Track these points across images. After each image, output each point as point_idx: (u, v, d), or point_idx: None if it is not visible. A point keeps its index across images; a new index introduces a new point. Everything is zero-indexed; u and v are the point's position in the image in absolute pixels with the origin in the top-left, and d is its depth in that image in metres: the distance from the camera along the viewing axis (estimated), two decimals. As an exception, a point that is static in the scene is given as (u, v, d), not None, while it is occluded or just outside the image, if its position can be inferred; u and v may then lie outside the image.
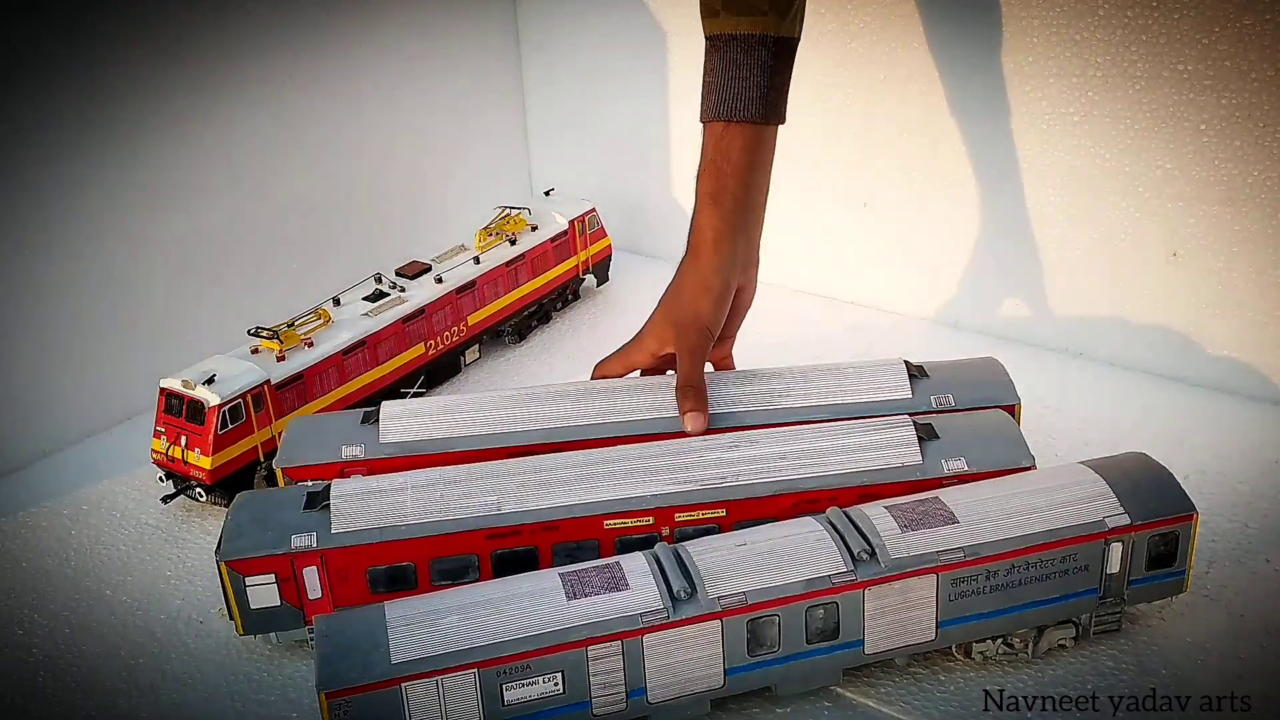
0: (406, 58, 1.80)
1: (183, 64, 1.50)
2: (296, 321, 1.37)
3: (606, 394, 1.20)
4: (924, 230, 1.61)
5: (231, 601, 1.03)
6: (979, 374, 1.25)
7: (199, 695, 1.04)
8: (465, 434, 1.16)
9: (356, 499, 1.04)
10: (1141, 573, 1.01)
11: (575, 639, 0.89)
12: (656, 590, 0.92)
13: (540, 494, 1.05)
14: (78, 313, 1.45)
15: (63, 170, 1.40)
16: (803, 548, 0.96)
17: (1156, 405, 1.42)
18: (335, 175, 1.74)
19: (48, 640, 1.12)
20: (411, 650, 0.87)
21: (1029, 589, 0.98)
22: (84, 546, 1.27)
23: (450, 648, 0.87)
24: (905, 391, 1.20)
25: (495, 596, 0.91)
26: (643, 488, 1.06)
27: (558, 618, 0.89)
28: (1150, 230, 1.41)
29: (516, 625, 0.89)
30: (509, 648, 0.88)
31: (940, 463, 1.08)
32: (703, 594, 0.92)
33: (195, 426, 1.26)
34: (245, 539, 1.02)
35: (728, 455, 1.09)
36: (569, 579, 0.93)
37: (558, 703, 0.90)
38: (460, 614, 0.89)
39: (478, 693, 0.88)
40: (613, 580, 0.93)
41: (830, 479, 1.07)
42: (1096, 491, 1.01)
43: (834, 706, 0.99)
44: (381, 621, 0.89)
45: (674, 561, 0.94)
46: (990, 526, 0.97)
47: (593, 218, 1.74)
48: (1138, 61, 1.35)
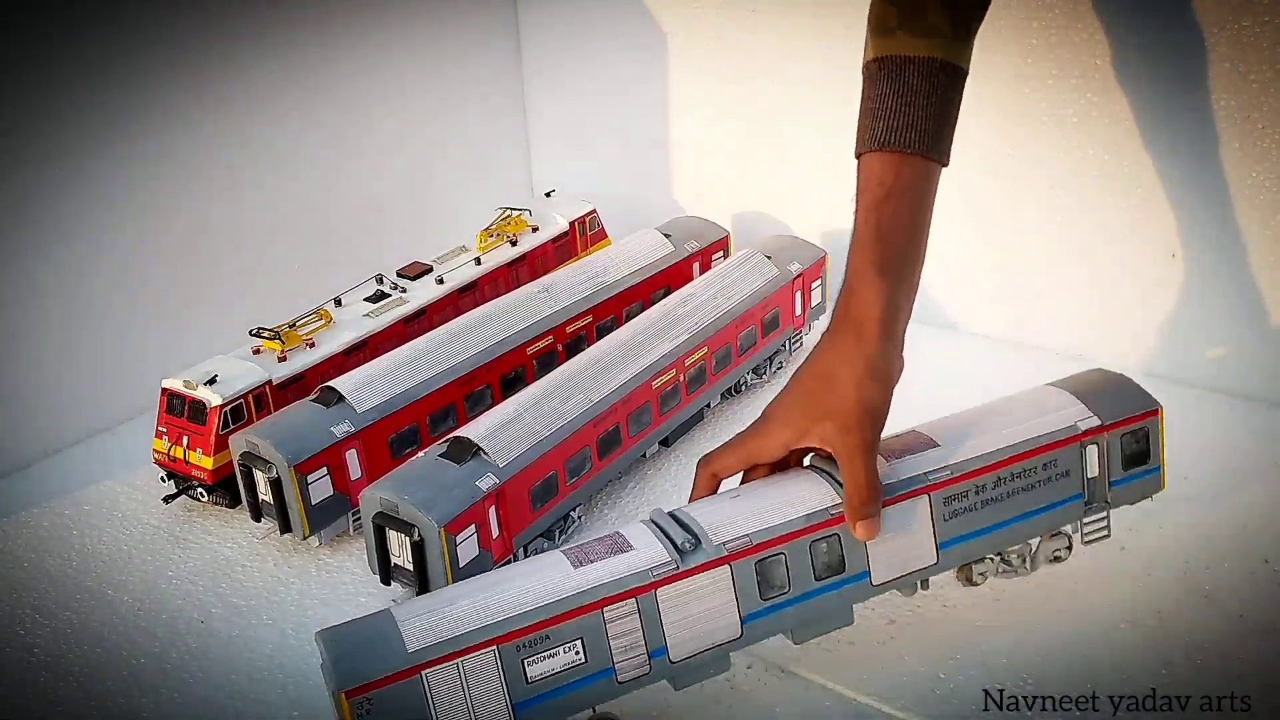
0: (408, 59, 1.81)
1: (186, 66, 1.51)
2: (298, 322, 1.37)
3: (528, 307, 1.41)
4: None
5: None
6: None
7: (200, 694, 1.05)
8: (426, 377, 1.29)
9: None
10: (1120, 473, 1.06)
11: (589, 601, 0.88)
12: (661, 546, 0.92)
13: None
14: (80, 313, 1.46)
15: (65, 171, 1.41)
16: (795, 489, 0.97)
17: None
18: (337, 176, 1.74)
19: (49, 640, 1.12)
20: (426, 637, 0.85)
21: (1017, 501, 1.01)
22: (85, 546, 1.27)
23: (466, 628, 0.85)
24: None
25: (501, 579, 0.90)
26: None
27: (569, 584, 0.89)
28: (1148, 231, 1.42)
29: (529, 597, 0.88)
30: (525, 619, 0.86)
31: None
32: (707, 542, 0.92)
33: (197, 427, 1.26)
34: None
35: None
36: (572, 553, 0.92)
37: (581, 673, 0.89)
38: (469, 598, 0.88)
39: (499, 671, 0.86)
40: (616, 546, 0.93)
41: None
42: (1064, 401, 1.05)
43: (834, 706, 0.99)
44: (390, 620, 0.87)
45: (673, 521, 0.95)
46: (970, 445, 1.00)
47: (594, 219, 1.74)
48: (1137, 62, 1.35)
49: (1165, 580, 1.12)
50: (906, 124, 0.97)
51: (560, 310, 1.44)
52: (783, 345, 1.55)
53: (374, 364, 1.29)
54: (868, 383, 0.96)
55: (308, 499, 1.19)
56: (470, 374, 1.32)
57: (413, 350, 1.31)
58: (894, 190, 0.97)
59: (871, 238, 0.97)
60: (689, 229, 1.65)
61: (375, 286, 1.49)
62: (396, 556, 1.11)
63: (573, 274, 1.50)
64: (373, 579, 1.15)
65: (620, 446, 1.27)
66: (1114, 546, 1.14)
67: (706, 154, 1.84)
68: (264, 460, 1.18)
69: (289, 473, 1.17)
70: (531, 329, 1.40)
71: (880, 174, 0.97)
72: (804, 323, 1.58)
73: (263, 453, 1.18)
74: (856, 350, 0.96)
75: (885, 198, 0.97)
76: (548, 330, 1.41)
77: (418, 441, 1.27)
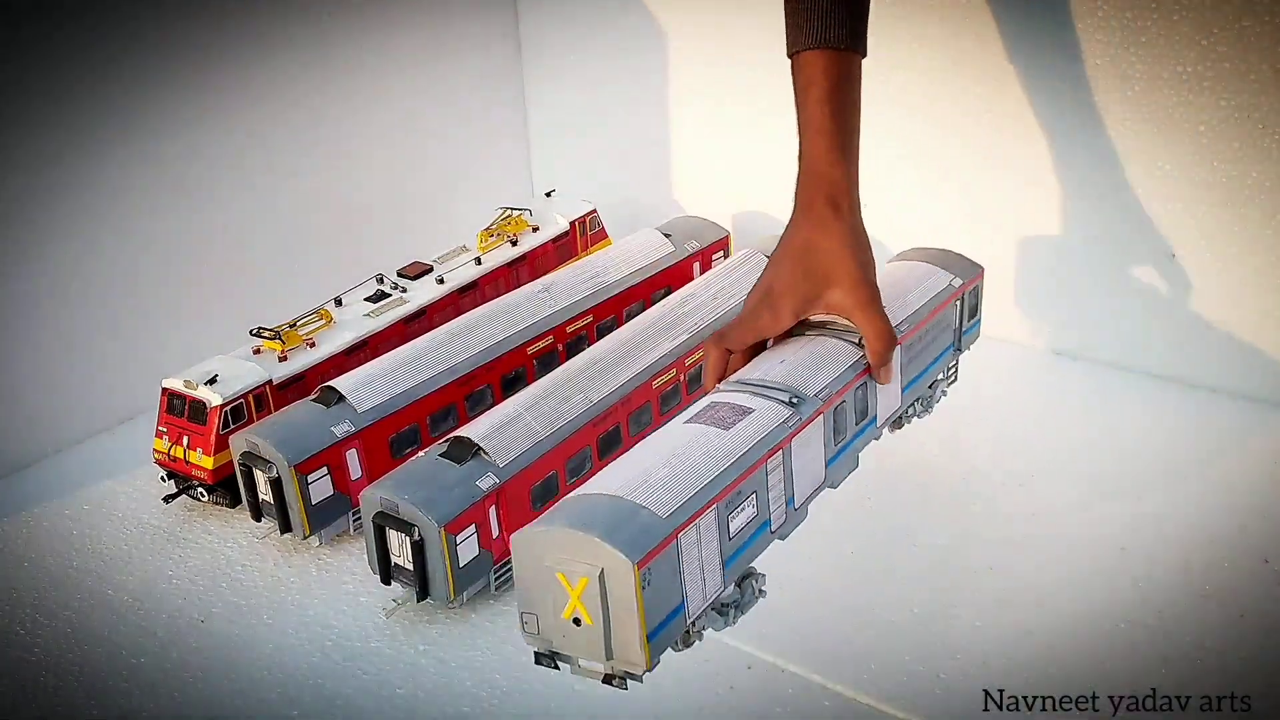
0: (408, 59, 1.81)
1: (186, 66, 1.51)
2: (298, 322, 1.38)
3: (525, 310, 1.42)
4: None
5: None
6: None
7: (200, 694, 1.05)
8: (427, 377, 1.29)
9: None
10: (966, 324, 1.28)
11: (756, 458, 0.92)
12: (771, 404, 0.97)
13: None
14: (80, 313, 1.46)
15: (66, 172, 1.41)
16: (819, 350, 1.07)
17: (1155, 406, 1.42)
18: (337, 176, 1.75)
19: (50, 640, 1.12)
20: (670, 505, 0.84)
21: (930, 350, 1.20)
22: (86, 546, 1.27)
23: (692, 492, 0.86)
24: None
25: (672, 446, 0.91)
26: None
27: (735, 446, 0.92)
28: (1148, 231, 1.42)
29: (717, 460, 0.90)
30: (723, 480, 0.89)
31: None
32: (806, 396, 1.00)
33: (197, 426, 1.26)
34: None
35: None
36: (704, 419, 0.95)
37: (755, 525, 0.93)
38: (666, 466, 0.88)
39: (717, 528, 0.88)
40: (736, 409, 0.96)
41: None
42: (931, 270, 1.24)
43: (834, 706, 0.99)
44: (619, 500, 0.85)
45: (752, 385, 1.01)
46: (902, 307, 1.15)
47: (594, 219, 1.74)
48: (1136, 63, 1.35)
49: (1165, 580, 1.11)
50: (838, 24, 1.08)
51: (561, 310, 1.44)
52: None
53: (374, 364, 1.29)
54: (858, 248, 1.07)
55: (308, 498, 1.19)
56: (470, 374, 1.32)
57: (413, 350, 1.31)
58: (839, 82, 1.09)
59: (830, 125, 1.08)
60: (689, 229, 1.66)
61: (376, 286, 1.49)
62: (397, 556, 1.11)
63: (573, 274, 1.50)
64: (373, 578, 1.16)
65: (620, 446, 1.27)
66: (1114, 546, 1.14)
67: (707, 154, 1.84)
68: (264, 460, 1.18)
69: (289, 472, 1.17)
70: (532, 329, 1.40)
71: (825, 68, 1.08)
72: None
73: (263, 452, 1.18)
74: (837, 223, 1.07)
75: (834, 89, 1.08)
76: (548, 330, 1.41)
77: (418, 441, 1.27)
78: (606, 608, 0.81)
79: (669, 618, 0.84)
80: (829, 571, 1.15)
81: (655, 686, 0.93)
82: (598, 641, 0.82)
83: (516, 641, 1.07)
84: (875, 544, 1.19)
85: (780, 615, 1.06)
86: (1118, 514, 1.10)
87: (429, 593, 1.11)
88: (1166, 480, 1.07)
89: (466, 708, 1.01)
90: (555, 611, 0.83)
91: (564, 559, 0.81)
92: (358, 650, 1.09)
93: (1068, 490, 1.25)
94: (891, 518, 1.23)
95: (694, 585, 0.86)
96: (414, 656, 1.08)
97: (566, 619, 0.82)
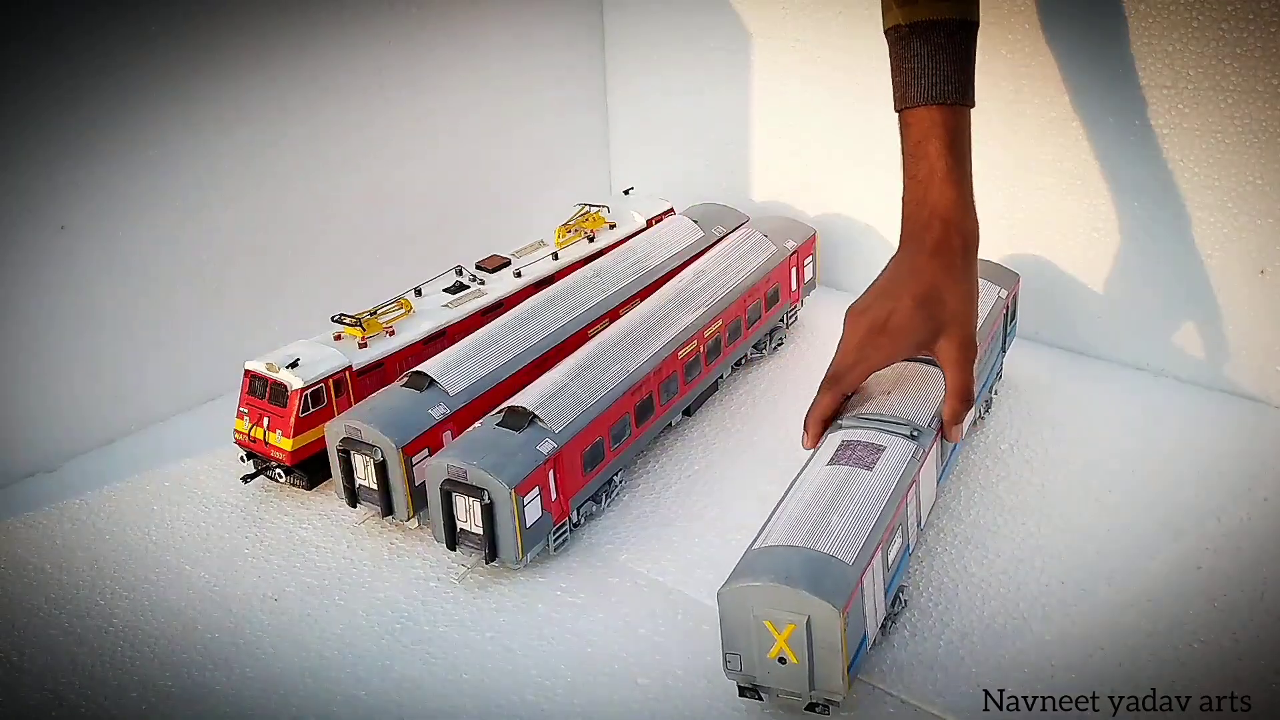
0: (495, 56, 1.82)
1: (279, 56, 1.54)
2: (379, 310, 1.39)
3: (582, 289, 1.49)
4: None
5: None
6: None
7: (271, 670, 1.06)
8: (507, 359, 1.34)
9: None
10: (1009, 327, 1.45)
11: (900, 495, 1.04)
12: (895, 438, 1.09)
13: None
14: (168, 295, 1.49)
15: (159, 154, 1.44)
16: (922, 383, 1.20)
17: (1244, 427, 1.39)
18: (422, 169, 1.77)
19: (128, 612, 1.15)
20: (851, 549, 0.95)
21: (989, 360, 1.34)
22: (165, 522, 1.30)
23: (864, 536, 0.97)
24: None
25: (830, 489, 1.02)
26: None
27: (881, 486, 1.03)
28: (1238, 246, 1.39)
29: (874, 501, 1.01)
30: (885, 519, 1.00)
31: None
32: (922, 429, 1.11)
33: (278, 409, 1.28)
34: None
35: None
36: (847, 459, 1.06)
37: (901, 552, 1.06)
38: (837, 513, 0.99)
39: (883, 564, 1.00)
40: (870, 448, 1.08)
41: None
42: (985, 285, 1.29)
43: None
44: (800, 548, 0.95)
45: (870, 419, 1.12)
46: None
47: (670, 217, 1.74)
48: (1230, 75, 1.33)
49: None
50: (952, 77, 1.14)
51: (614, 294, 1.50)
52: (781, 320, 1.63)
53: (454, 349, 1.33)
54: (974, 304, 1.15)
55: (412, 480, 1.21)
56: (544, 355, 1.36)
57: (487, 335, 1.37)
58: (956, 134, 1.15)
59: (957, 174, 1.14)
60: (712, 215, 1.71)
61: (455, 278, 1.50)
62: (463, 522, 1.15)
63: (616, 260, 1.57)
64: (443, 563, 1.18)
65: (653, 414, 1.35)
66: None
67: (786, 154, 1.83)
68: (367, 444, 1.20)
69: (397, 455, 1.19)
70: (591, 311, 1.46)
71: (943, 121, 1.14)
72: (799, 297, 1.68)
73: (366, 437, 1.20)
74: (966, 274, 1.14)
75: (954, 140, 1.14)
76: (604, 314, 1.48)
77: None
78: (811, 649, 0.92)
79: (859, 648, 0.96)
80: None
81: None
82: (802, 677, 0.93)
83: (582, 633, 1.09)
84: (949, 552, 1.19)
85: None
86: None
87: (497, 554, 1.14)
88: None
89: (531, 696, 1.02)
90: (760, 652, 0.94)
91: (772, 609, 0.92)
92: (426, 634, 1.10)
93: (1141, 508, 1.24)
94: (969, 526, 1.22)
95: (871, 615, 0.98)
96: (481, 643, 1.09)
97: (772, 658, 0.93)
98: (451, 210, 1.82)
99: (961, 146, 1.15)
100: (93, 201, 1.39)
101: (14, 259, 1.34)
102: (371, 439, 1.20)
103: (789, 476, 1.07)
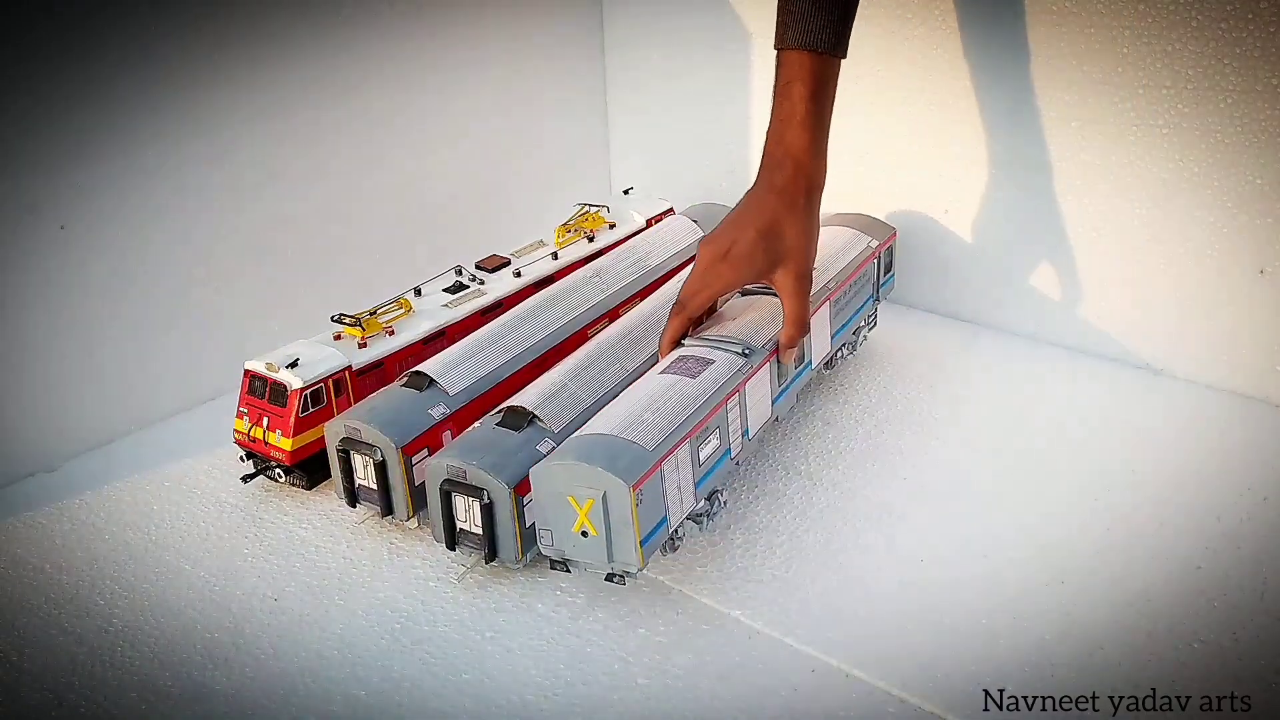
0: (494, 56, 1.83)
1: (278, 57, 1.54)
2: (378, 310, 1.39)
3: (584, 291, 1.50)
4: (965, 240, 1.60)
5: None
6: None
7: (271, 670, 1.06)
8: (507, 358, 1.35)
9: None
10: (882, 278, 1.54)
11: (719, 400, 1.14)
12: (729, 355, 1.20)
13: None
14: (167, 295, 1.49)
15: (157, 155, 1.44)
16: (765, 312, 1.29)
17: (1245, 427, 1.40)
18: (421, 169, 1.77)
19: (128, 611, 1.15)
20: (654, 438, 1.06)
21: (854, 302, 1.45)
22: (165, 521, 1.30)
23: (670, 429, 1.08)
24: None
25: (652, 393, 1.13)
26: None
27: (703, 391, 1.14)
28: (1238, 246, 1.39)
29: (690, 402, 1.12)
30: (695, 418, 1.11)
31: None
32: (755, 348, 1.22)
33: (277, 408, 1.28)
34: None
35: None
36: (675, 370, 1.17)
37: (718, 454, 1.15)
38: (652, 411, 1.10)
39: (690, 458, 1.09)
40: (701, 361, 1.18)
41: None
42: (852, 234, 1.49)
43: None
44: (610, 437, 1.06)
45: (711, 340, 1.22)
46: (831, 268, 1.40)
47: (670, 217, 1.74)
48: (1230, 74, 1.33)
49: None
50: (828, 28, 1.21)
51: (614, 293, 1.50)
52: None
53: (454, 349, 1.33)
54: (814, 240, 1.24)
55: (412, 480, 1.21)
56: (543, 355, 1.36)
57: (487, 334, 1.36)
58: (822, 81, 1.22)
59: (815, 119, 1.22)
60: (712, 215, 1.69)
61: (454, 278, 1.50)
62: (463, 521, 1.15)
63: (616, 260, 1.56)
64: (443, 563, 1.18)
65: None
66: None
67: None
68: (367, 444, 1.20)
69: (396, 455, 1.19)
70: (591, 311, 1.46)
71: (811, 67, 1.21)
72: None
73: (366, 436, 1.20)
74: (807, 214, 1.23)
75: (818, 88, 1.22)
76: (604, 313, 1.48)
77: None
78: (608, 522, 1.03)
79: (656, 528, 1.06)
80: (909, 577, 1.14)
81: (720, 684, 0.93)
82: (601, 549, 1.04)
83: (581, 633, 1.09)
84: (947, 554, 1.19)
85: (848, 621, 1.07)
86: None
87: (496, 554, 1.14)
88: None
89: (530, 695, 1.02)
90: (566, 526, 1.05)
91: (574, 485, 1.03)
92: (425, 634, 1.10)
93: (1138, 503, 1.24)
94: (968, 527, 1.22)
95: (674, 502, 1.08)
96: (480, 643, 1.09)
97: (575, 532, 1.05)
98: (451, 210, 1.82)
99: (825, 94, 1.23)
100: (93, 202, 1.39)
101: (14, 259, 1.34)
102: (371, 439, 1.20)
103: (789, 472, 1.09)
